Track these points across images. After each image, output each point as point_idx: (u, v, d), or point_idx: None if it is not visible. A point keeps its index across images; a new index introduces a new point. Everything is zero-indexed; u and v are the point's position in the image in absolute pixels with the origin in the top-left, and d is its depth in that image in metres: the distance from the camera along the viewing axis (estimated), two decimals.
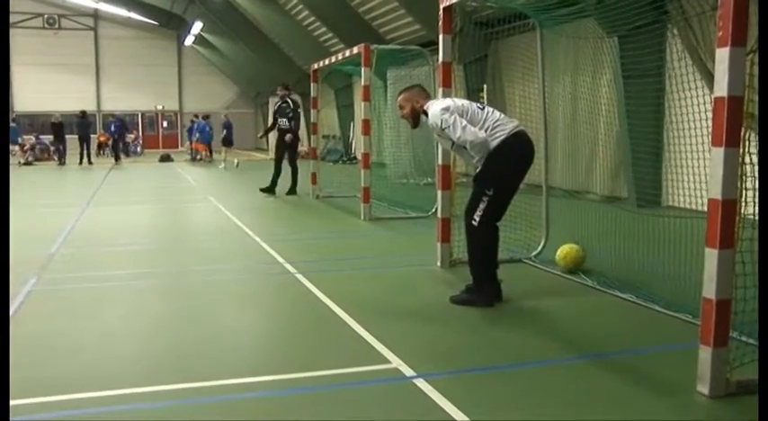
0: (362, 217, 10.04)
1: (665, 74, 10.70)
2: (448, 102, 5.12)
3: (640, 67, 10.52)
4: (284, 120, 12.98)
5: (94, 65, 39.59)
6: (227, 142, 23.96)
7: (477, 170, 5.01)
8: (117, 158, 26.38)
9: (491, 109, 5.10)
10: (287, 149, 13.13)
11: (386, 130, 14.31)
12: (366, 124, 9.97)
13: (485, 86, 15.10)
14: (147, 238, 8.70)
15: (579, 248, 6.22)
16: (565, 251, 6.23)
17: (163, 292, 5.82)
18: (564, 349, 4.03)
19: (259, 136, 13.79)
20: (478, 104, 5.13)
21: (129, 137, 32.45)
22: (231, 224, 9.90)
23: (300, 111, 13.48)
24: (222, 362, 3.88)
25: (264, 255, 7.38)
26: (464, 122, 4.88)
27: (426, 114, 5.11)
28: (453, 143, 5.00)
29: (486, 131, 4.89)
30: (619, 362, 3.75)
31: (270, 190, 13.21)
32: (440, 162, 6.53)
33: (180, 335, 4.53)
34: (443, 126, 4.95)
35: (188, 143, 28.13)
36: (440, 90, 6.16)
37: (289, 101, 13.16)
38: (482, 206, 5.01)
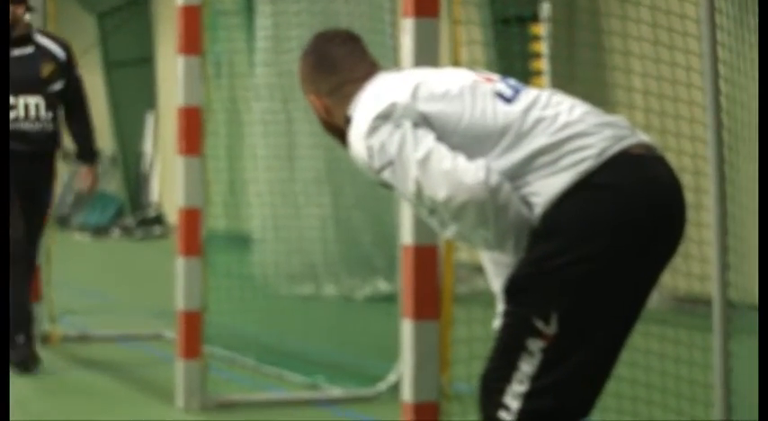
0: (180, 400, 8.12)
1: None
2: (393, 91, 3.99)
3: None
4: (35, 101, 9.10)
5: None
6: None
7: (512, 268, 4.09)
8: None
9: (543, 95, 3.84)
10: (41, 204, 9.73)
11: (258, 142, 11.80)
12: (190, 121, 8.17)
13: (543, 14, 12.29)
14: None
15: None
16: None
17: None
18: None
19: None
20: (504, 84, 3.95)
21: None
22: None
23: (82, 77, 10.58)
24: None
25: None
26: (426, 147, 3.91)
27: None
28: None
29: (515, 163, 3.78)
30: None
31: (28, 358, 9.32)
32: (408, 239, 5.76)
33: None
34: (378, 165, 4.02)
35: None
36: (408, 22, 5.15)
37: (46, 43, 9.69)
38: (528, 369, 3.83)
